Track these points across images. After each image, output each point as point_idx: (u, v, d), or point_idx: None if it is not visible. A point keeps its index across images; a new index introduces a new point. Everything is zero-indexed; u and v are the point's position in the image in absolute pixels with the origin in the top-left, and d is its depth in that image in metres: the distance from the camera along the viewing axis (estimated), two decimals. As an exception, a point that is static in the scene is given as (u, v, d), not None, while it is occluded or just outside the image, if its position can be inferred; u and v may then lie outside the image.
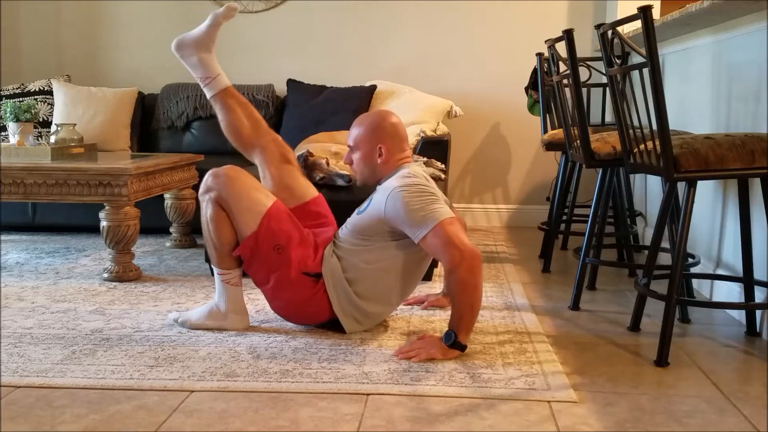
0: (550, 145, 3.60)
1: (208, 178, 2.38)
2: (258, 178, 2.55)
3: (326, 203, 2.67)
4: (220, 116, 2.62)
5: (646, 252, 2.85)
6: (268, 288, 2.41)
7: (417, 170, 2.38)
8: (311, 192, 2.63)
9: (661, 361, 2.19)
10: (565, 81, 3.12)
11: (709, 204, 3.02)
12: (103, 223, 3.13)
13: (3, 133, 4.41)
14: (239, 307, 2.47)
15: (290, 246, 2.35)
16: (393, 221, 2.28)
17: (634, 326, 2.53)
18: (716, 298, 2.89)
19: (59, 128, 3.78)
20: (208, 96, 2.63)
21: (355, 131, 2.44)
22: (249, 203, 2.35)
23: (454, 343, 2.20)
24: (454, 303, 2.24)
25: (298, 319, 2.48)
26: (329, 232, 2.50)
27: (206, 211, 2.38)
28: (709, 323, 2.64)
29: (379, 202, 2.31)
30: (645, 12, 2.09)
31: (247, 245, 2.35)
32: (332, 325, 2.44)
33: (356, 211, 2.45)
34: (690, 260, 2.76)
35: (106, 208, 3.12)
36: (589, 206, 3.18)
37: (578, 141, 2.85)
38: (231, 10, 2.57)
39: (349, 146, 2.46)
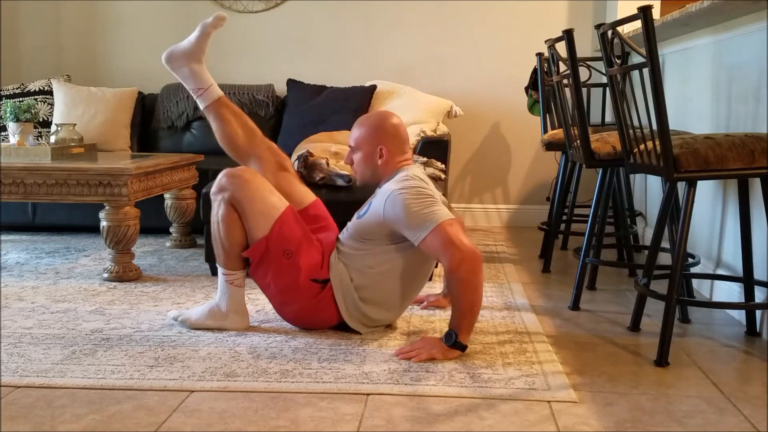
0: (550, 145, 3.60)
1: (222, 178, 2.37)
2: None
3: (324, 206, 2.67)
4: (215, 127, 2.61)
5: (646, 252, 2.85)
6: (274, 294, 2.41)
7: (416, 172, 2.38)
8: (309, 197, 2.63)
9: (661, 361, 2.19)
10: (565, 81, 3.12)
11: (709, 204, 3.02)
12: (103, 223, 3.13)
13: (3, 133, 4.41)
14: (240, 308, 2.47)
15: (300, 253, 2.35)
16: (392, 224, 2.28)
17: (634, 326, 2.53)
18: (716, 298, 2.89)
19: (59, 128, 3.78)
20: (201, 107, 2.61)
21: (356, 132, 2.44)
22: (262, 206, 2.35)
23: (455, 343, 2.20)
24: (455, 303, 2.23)
25: (308, 324, 2.46)
26: (332, 237, 2.50)
27: (218, 210, 2.37)
28: (709, 323, 2.64)
29: (378, 205, 2.31)
30: (645, 12, 2.09)
31: (257, 248, 2.35)
32: (339, 327, 2.44)
33: (356, 215, 2.45)
34: (690, 260, 2.76)
35: (106, 208, 3.12)
36: (589, 206, 3.18)
37: (578, 141, 2.86)
38: (219, 20, 2.56)
39: (350, 146, 2.46)
